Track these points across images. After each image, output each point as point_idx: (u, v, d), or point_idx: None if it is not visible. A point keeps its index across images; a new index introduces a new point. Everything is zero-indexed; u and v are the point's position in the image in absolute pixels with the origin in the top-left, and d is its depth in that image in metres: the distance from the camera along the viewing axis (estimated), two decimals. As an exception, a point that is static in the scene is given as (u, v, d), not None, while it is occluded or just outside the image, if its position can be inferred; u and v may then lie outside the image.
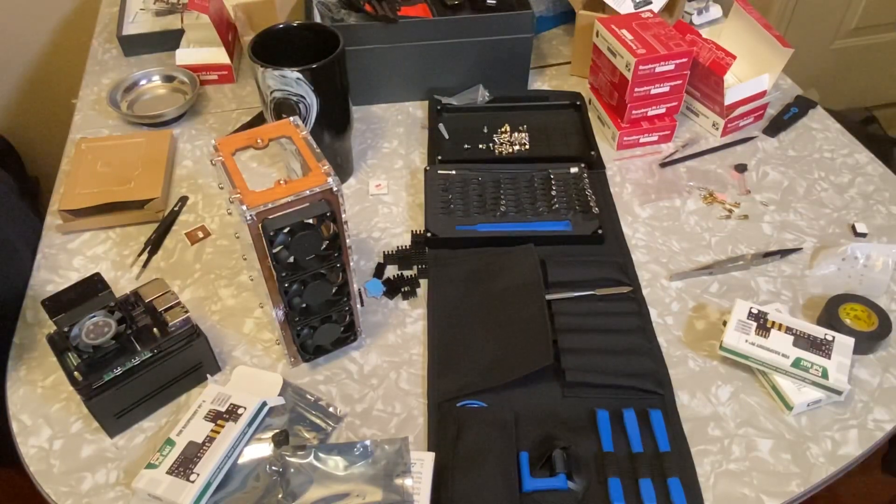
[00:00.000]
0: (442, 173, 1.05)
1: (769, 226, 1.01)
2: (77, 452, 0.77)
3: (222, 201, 1.04)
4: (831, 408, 0.80)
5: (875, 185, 1.06)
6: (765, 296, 0.92)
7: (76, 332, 0.73)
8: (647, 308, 0.90)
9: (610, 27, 1.07)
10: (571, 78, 1.28)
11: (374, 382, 0.83)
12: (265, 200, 0.66)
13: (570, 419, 0.79)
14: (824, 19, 2.16)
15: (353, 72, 1.16)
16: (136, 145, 1.08)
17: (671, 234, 1.00)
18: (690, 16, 1.34)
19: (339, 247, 0.73)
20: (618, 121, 1.11)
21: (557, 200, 1.01)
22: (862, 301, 0.86)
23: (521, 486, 0.72)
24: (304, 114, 0.94)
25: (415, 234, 1.00)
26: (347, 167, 1.08)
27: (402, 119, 1.20)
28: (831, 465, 0.75)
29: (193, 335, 0.78)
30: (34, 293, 0.93)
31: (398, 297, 0.92)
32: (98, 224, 1.00)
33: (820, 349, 0.79)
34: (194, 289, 0.93)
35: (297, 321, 0.77)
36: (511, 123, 1.17)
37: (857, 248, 0.92)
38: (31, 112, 1.81)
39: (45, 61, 1.74)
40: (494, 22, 1.14)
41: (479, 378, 0.82)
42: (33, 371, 0.84)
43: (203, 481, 0.70)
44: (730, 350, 0.82)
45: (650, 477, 0.73)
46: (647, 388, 0.80)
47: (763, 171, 1.09)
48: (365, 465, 0.73)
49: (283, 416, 0.78)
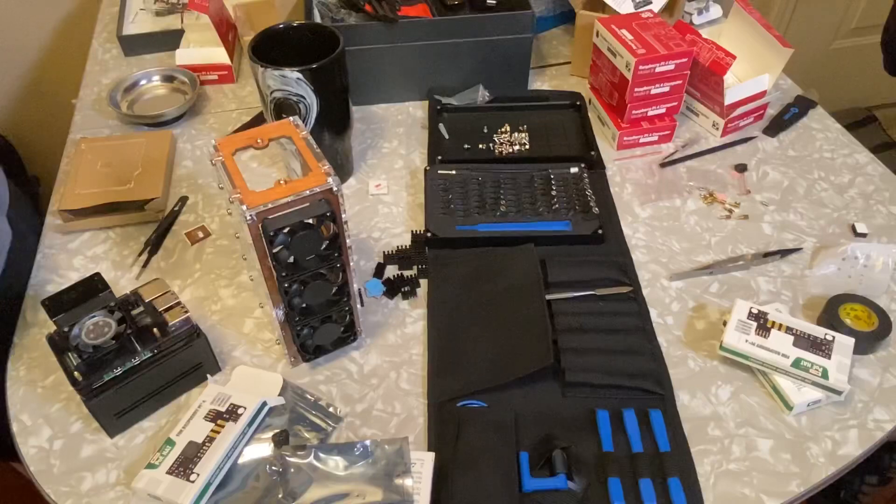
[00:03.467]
0: (442, 173, 1.05)
1: (769, 226, 1.01)
2: (77, 452, 0.77)
3: (222, 201, 1.04)
4: (831, 408, 0.80)
5: (875, 185, 1.06)
6: (765, 296, 0.92)
7: (76, 332, 0.73)
8: (647, 308, 0.90)
9: (610, 27, 1.07)
10: (571, 78, 1.28)
11: (374, 382, 0.83)
12: (265, 200, 0.66)
13: (570, 419, 0.79)
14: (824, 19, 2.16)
15: (353, 72, 1.16)
16: (136, 145, 1.08)
17: (671, 234, 1.00)
18: (690, 16, 1.34)
19: (339, 247, 0.73)
20: (618, 121, 1.11)
21: (557, 200, 1.01)
22: (862, 301, 0.86)
23: (521, 486, 0.72)
24: (304, 114, 0.94)
25: (415, 234, 1.00)
26: (347, 167, 1.08)
27: (402, 119, 1.20)
28: (831, 465, 0.75)
29: (193, 335, 0.78)
30: (34, 293, 0.93)
31: (398, 297, 0.92)
32: (98, 224, 1.00)
33: (820, 349, 0.79)
34: (194, 289, 0.93)
35: (297, 321, 0.77)
36: (511, 123, 1.17)
37: (857, 248, 0.92)
38: (31, 112, 1.81)
39: (45, 61, 1.74)
40: (494, 22, 1.14)
41: (478, 378, 0.82)
42: (33, 371, 0.84)
43: (203, 481, 0.70)
44: (730, 350, 0.82)
45: (650, 477, 0.73)
46: (647, 388, 0.80)
47: (763, 171, 1.09)
48: (365, 465, 0.73)
49: (283, 416, 0.78)
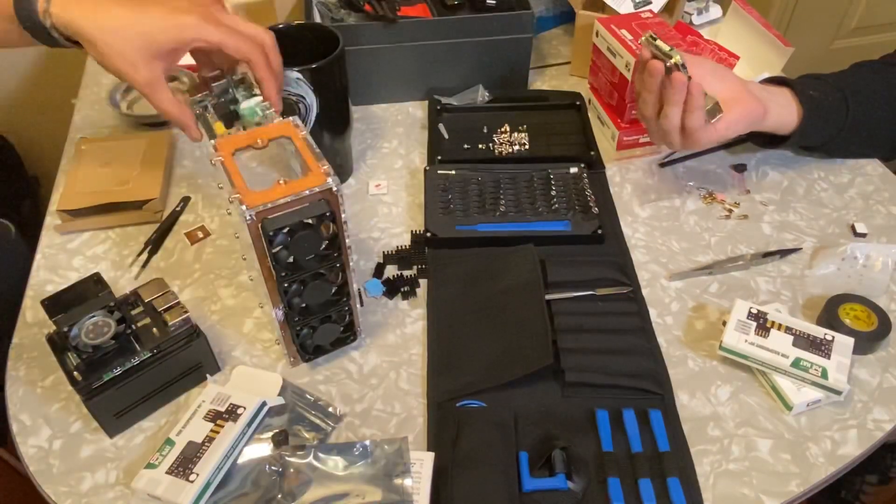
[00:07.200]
0: (442, 173, 1.05)
1: (769, 226, 1.01)
2: (77, 452, 0.77)
3: (222, 201, 1.04)
4: (831, 408, 0.80)
5: (875, 185, 1.06)
6: (764, 296, 0.92)
7: (76, 332, 0.73)
8: (646, 308, 0.90)
9: (610, 27, 1.07)
10: (571, 78, 1.29)
11: (373, 382, 0.83)
12: (264, 200, 0.66)
13: (570, 419, 0.79)
14: (824, 19, 2.16)
15: (353, 72, 1.16)
16: (136, 145, 1.08)
17: (671, 234, 1.00)
18: (690, 16, 1.34)
19: (338, 247, 0.73)
20: (618, 121, 1.11)
21: (557, 200, 1.01)
22: (861, 301, 0.86)
23: (521, 486, 0.72)
24: (303, 114, 0.94)
25: (414, 234, 1.00)
26: (347, 167, 1.08)
27: (401, 119, 1.20)
28: (831, 466, 0.75)
29: (193, 335, 0.78)
30: (34, 293, 0.93)
31: (398, 296, 0.92)
32: (97, 224, 1.00)
33: (819, 349, 0.79)
34: (194, 289, 0.93)
35: (296, 321, 0.77)
36: (511, 123, 1.17)
37: (857, 248, 0.92)
38: (31, 112, 1.81)
39: (45, 61, 1.74)
40: (494, 22, 1.14)
41: (478, 378, 0.82)
42: (33, 371, 0.84)
43: (203, 481, 0.70)
44: (729, 350, 0.82)
45: (650, 477, 0.73)
46: (646, 388, 0.80)
47: (763, 170, 1.09)
48: (364, 465, 0.73)
49: (282, 416, 0.78)
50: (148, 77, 0.75)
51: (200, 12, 0.75)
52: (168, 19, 0.74)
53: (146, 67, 0.74)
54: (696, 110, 0.86)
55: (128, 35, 0.73)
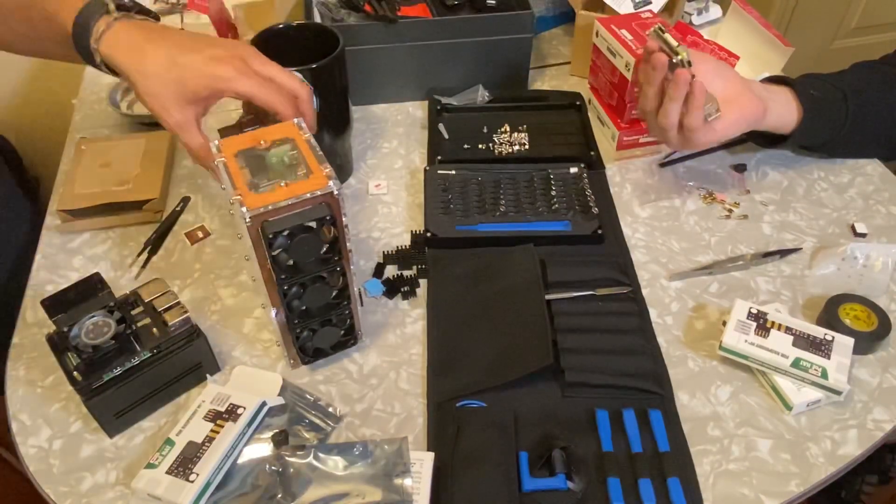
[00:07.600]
0: (442, 173, 1.05)
1: (769, 226, 1.01)
2: (76, 452, 0.77)
3: (222, 201, 1.05)
4: (831, 408, 0.80)
5: (875, 185, 1.06)
6: (764, 296, 0.92)
7: (76, 332, 0.73)
8: (646, 308, 0.90)
9: (610, 27, 1.07)
10: (571, 78, 1.29)
11: (373, 382, 0.83)
12: (265, 203, 0.66)
13: (570, 419, 0.79)
14: (824, 19, 2.16)
15: (353, 72, 1.16)
16: (136, 145, 1.08)
17: (671, 234, 1.00)
18: (690, 16, 1.34)
19: (339, 250, 0.73)
20: (618, 121, 1.11)
21: (557, 200, 1.01)
22: (861, 301, 0.86)
23: (521, 485, 0.72)
24: (303, 114, 0.94)
25: (414, 234, 1.00)
26: (347, 167, 1.08)
27: (401, 119, 1.20)
28: (831, 466, 0.75)
29: (193, 335, 0.78)
30: (34, 293, 0.93)
31: (398, 296, 0.92)
32: (97, 224, 1.00)
33: (819, 349, 0.79)
34: (194, 289, 0.93)
35: (296, 323, 0.77)
36: (511, 123, 1.17)
37: (857, 249, 0.93)
38: (31, 112, 1.81)
39: (45, 61, 1.74)
40: (494, 22, 1.14)
41: (478, 378, 0.82)
42: (33, 371, 0.84)
43: (202, 481, 0.70)
44: (729, 350, 0.82)
45: (650, 477, 0.73)
46: (646, 388, 0.80)
47: (763, 170, 1.09)
48: (364, 465, 0.73)
49: (282, 416, 0.79)
50: (179, 120, 0.78)
51: (236, 65, 0.77)
52: (203, 69, 0.76)
53: (179, 111, 0.77)
54: (695, 109, 0.86)
55: (164, 80, 0.76)
